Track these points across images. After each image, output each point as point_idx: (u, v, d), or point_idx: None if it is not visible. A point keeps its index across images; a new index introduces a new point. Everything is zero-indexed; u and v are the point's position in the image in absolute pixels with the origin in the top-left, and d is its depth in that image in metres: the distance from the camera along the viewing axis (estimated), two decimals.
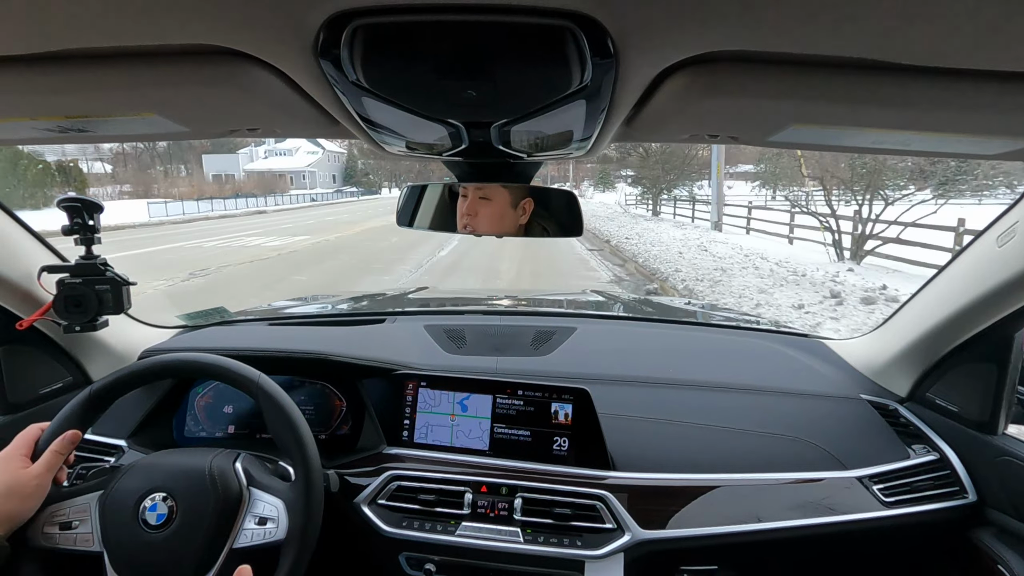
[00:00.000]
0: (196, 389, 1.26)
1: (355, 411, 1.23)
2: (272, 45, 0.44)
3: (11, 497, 0.78)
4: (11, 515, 0.77)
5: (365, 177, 64.33)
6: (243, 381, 0.91)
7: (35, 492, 0.80)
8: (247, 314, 1.73)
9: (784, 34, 0.39)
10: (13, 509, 0.78)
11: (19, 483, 0.79)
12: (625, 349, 1.46)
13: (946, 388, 1.15)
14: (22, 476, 0.79)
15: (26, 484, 0.79)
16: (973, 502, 1.06)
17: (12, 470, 0.79)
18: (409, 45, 0.42)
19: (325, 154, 60.86)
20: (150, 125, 0.65)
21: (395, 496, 1.08)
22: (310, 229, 18.18)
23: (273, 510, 0.84)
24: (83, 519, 0.82)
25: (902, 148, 0.70)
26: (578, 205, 0.92)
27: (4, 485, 0.78)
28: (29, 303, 1.06)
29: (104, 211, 1.10)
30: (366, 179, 64.32)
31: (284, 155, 59.68)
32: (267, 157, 59.38)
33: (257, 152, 59.90)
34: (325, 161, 61.82)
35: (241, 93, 0.53)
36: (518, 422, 1.14)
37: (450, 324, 1.52)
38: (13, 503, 0.78)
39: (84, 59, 0.48)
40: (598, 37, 0.40)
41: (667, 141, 0.81)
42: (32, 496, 0.80)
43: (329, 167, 63.10)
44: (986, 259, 0.96)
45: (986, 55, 0.40)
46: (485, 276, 9.16)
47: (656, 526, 1.02)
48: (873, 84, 0.47)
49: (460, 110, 0.57)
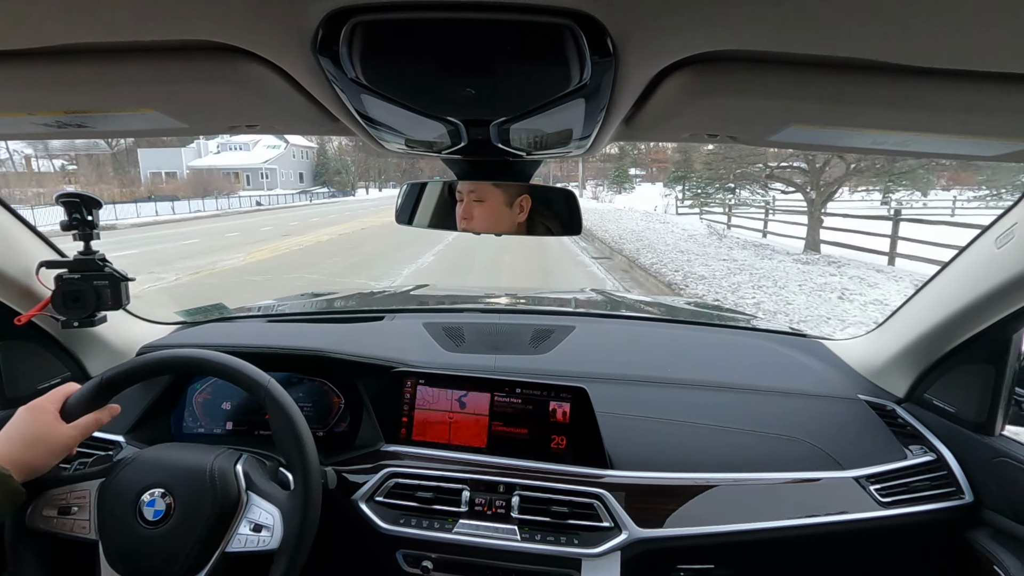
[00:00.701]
0: (194, 385, 1.26)
1: (353, 408, 1.23)
2: (271, 42, 0.44)
3: (37, 446, 0.79)
4: (33, 464, 0.78)
5: (338, 176, 56.24)
6: (251, 384, 0.90)
7: (62, 450, 0.81)
8: (246, 310, 1.73)
9: (783, 34, 0.39)
10: (37, 459, 0.79)
11: (50, 436, 0.80)
12: (624, 348, 1.46)
13: (944, 389, 1.15)
14: (55, 430, 0.80)
15: (57, 439, 0.80)
16: (969, 503, 1.07)
17: (44, 422, 0.80)
18: (408, 42, 0.42)
19: (289, 149, 51.56)
20: (149, 121, 0.65)
21: (393, 493, 1.08)
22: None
23: (269, 518, 0.83)
24: (82, 505, 0.82)
25: (901, 149, 0.70)
26: (577, 203, 0.93)
27: (33, 434, 0.79)
28: (27, 298, 1.06)
29: (101, 207, 1.10)
30: (338, 178, 55.94)
31: (239, 149, 50.20)
32: (219, 152, 50.27)
33: (208, 147, 50.55)
34: (289, 157, 52.40)
35: (240, 90, 0.53)
36: (516, 420, 1.14)
37: (449, 322, 1.52)
38: (39, 452, 0.79)
39: (84, 54, 0.48)
40: (597, 36, 0.40)
41: (666, 140, 0.81)
42: (58, 453, 0.81)
43: (294, 164, 54.22)
44: (984, 260, 0.96)
45: (986, 56, 0.40)
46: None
47: (653, 525, 1.02)
48: (873, 85, 0.47)
49: (459, 108, 0.57)
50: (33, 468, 0.79)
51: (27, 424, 0.79)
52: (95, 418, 0.85)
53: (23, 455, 0.77)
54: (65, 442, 0.81)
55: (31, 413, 0.81)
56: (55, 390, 0.85)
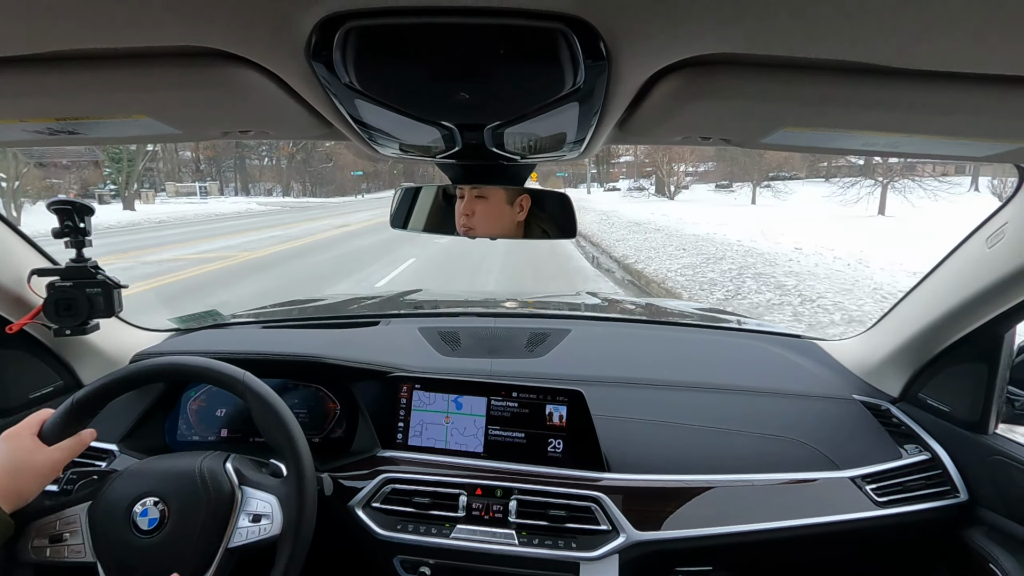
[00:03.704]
0: (188, 392, 1.25)
1: (349, 414, 1.22)
2: (264, 48, 0.44)
3: (22, 472, 0.78)
4: (20, 492, 0.77)
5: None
6: (228, 381, 0.90)
7: (49, 473, 0.80)
8: (240, 317, 1.72)
9: (776, 37, 0.39)
10: (25, 486, 0.78)
11: (33, 461, 0.79)
12: (619, 351, 1.46)
13: (937, 388, 1.16)
14: (37, 455, 0.79)
15: (41, 463, 0.79)
16: (964, 501, 1.07)
17: (25, 447, 0.79)
18: (402, 47, 0.42)
19: None
20: (142, 127, 0.64)
21: (389, 499, 1.07)
22: None
23: (267, 506, 0.84)
24: (73, 530, 0.81)
25: (892, 150, 0.71)
26: (571, 206, 0.93)
27: (16, 461, 0.78)
28: (19, 307, 1.05)
29: (94, 213, 1.10)
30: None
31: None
32: None
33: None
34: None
35: (233, 96, 0.53)
36: (512, 424, 1.14)
37: (444, 326, 1.52)
38: (25, 479, 0.78)
39: (75, 61, 0.48)
40: (590, 40, 0.40)
41: (660, 143, 0.82)
42: (45, 477, 0.80)
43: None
44: (976, 260, 0.97)
45: (976, 59, 0.41)
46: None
47: (651, 527, 1.02)
48: (864, 88, 0.48)
49: (453, 112, 0.57)
50: (21, 496, 0.77)
51: (8, 452, 0.78)
52: (78, 440, 0.84)
53: (9, 484, 0.76)
54: (51, 465, 0.80)
55: (9, 441, 0.79)
56: (29, 417, 0.84)
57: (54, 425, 0.83)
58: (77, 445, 0.84)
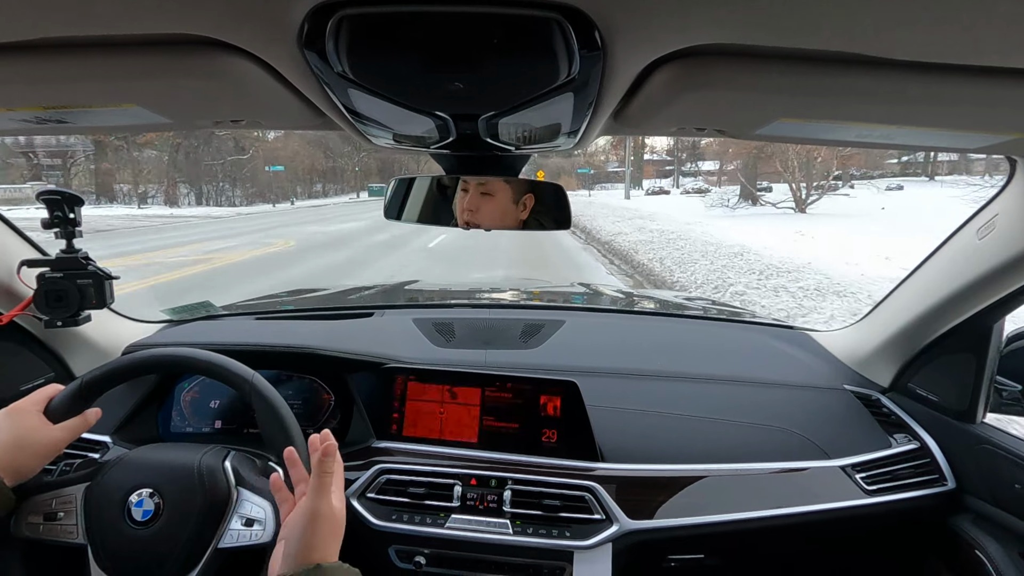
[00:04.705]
0: (182, 384, 1.24)
1: (343, 405, 1.22)
2: (256, 36, 0.43)
3: (24, 449, 0.77)
4: (21, 468, 0.77)
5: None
6: (237, 380, 0.89)
7: (51, 452, 0.80)
8: (233, 308, 1.71)
9: (771, 28, 0.39)
10: (25, 462, 0.78)
11: (36, 438, 0.79)
12: (613, 342, 1.47)
13: (927, 378, 1.17)
14: (41, 432, 0.79)
15: (44, 441, 0.79)
16: (952, 489, 1.09)
17: (29, 424, 0.79)
18: (395, 36, 0.42)
19: None
20: (131, 116, 0.64)
21: (384, 489, 1.08)
22: None
23: (261, 512, 0.83)
24: (68, 510, 0.81)
25: (886, 142, 0.71)
26: (566, 198, 0.93)
27: (19, 437, 0.77)
28: (8, 298, 1.04)
29: (84, 204, 1.08)
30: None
31: None
32: None
33: None
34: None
35: (225, 85, 0.52)
36: (507, 415, 1.14)
37: (439, 317, 1.52)
38: (26, 455, 0.78)
39: (63, 48, 0.47)
40: (585, 29, 0.40)
41: (655, 134, 0.82)
42: (46, 455, 0.80)
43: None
44: (966, 252, 0.98)
45: (969, 51, 0.41)
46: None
47: (644, 516, 1.03)
48: (859, 79, 0.48)
49: (447, 102, 0.57)
50: (21, 472, 0.77)
51: (11, 427, 0.78)
52: (83, 419, 0.84)
53: (10, 459, 0.76)
54: (53, 443, 0.80)
55: (14, 416, 0.79)
56: (36, 392, 0.84)
57: (61, 403, 0.83)
58: (82, 424, 0.84)
